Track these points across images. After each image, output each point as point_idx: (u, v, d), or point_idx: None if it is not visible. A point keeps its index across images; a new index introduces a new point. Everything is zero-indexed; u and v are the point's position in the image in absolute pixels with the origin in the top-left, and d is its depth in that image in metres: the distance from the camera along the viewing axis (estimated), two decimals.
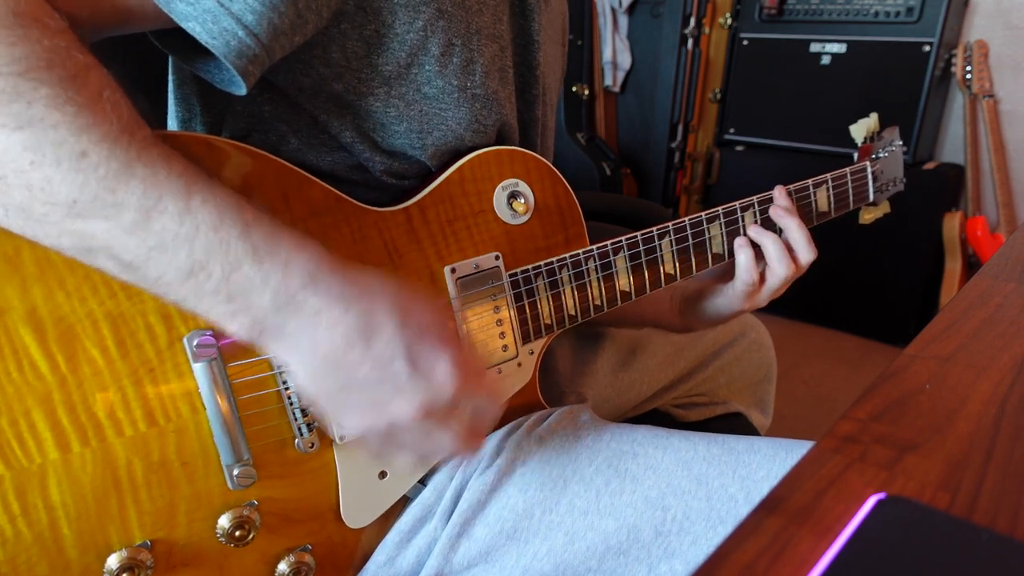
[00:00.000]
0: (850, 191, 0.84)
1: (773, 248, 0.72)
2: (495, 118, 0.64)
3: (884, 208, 0.92)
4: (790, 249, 0.73)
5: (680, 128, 2.55)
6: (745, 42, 2.41)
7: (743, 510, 0.54)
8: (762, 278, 0.74)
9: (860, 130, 0.87)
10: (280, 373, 0.55)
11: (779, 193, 0.75)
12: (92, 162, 0.40)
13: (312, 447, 0.57)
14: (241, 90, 0.50)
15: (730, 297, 0.75)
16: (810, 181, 0.79)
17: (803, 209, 0.78)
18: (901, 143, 0.91)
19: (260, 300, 0.43)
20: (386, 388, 0.45)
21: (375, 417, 0.46)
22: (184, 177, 0.43)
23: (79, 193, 0.40)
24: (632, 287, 0.71)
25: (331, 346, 0.44)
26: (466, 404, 0.48)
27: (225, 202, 0.43)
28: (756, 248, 0.73)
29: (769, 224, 0.74)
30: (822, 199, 0.80)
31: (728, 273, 0.75)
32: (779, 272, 0.72)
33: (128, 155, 0.41)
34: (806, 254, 0.73)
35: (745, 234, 0.74)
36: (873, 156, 0.87)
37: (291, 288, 0.43)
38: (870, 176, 0.86)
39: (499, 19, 0.63)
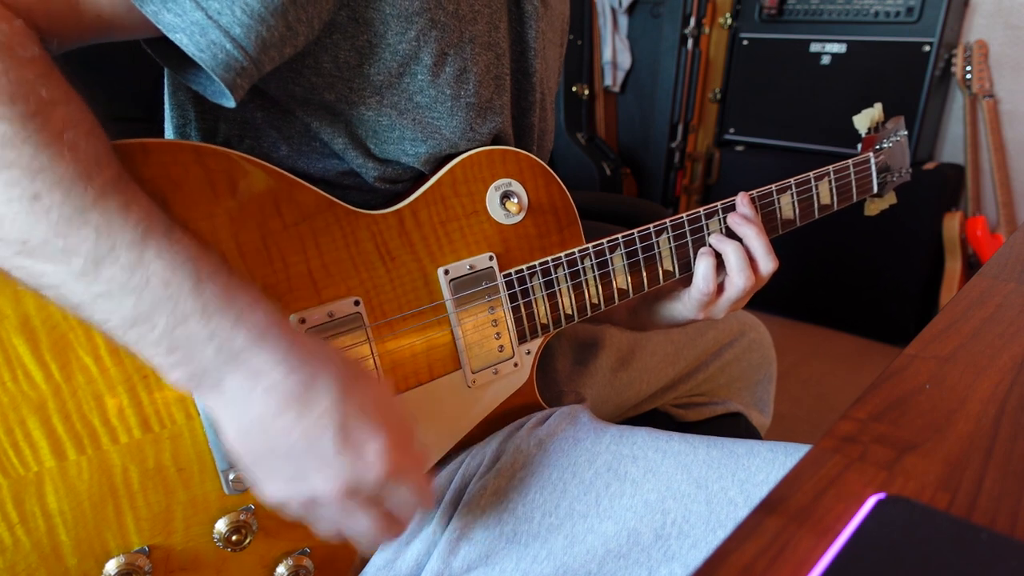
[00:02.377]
0: (853, 183, 0.83)
1: (734, 257, 0.70)
2: (490, 126, 0.64)
3: (890, 199, 0.91)
4: (751, 259, 0.71)
5: (680, 128, 2.55)
6: (745, 42, 2.41)
7: (742, 513, 0.54)
8: (721, 288, 0.72)
9: (864, 120, 0.86)
10: None
11: (741, 200, 0.73)
12: (45, 205, 0.40)
13: None
14: (230, 102, 0.50)
15: (685, 304, 0.73)
16: (811, 174, 0.78)
17: (805, 203, 0.78)
18: (906, 133, 0.90)
19: (202, 354, 0.43)
20: (311, 461, 0.44)
21: (296, 488, 0.45)
22: (141, 226, 0.42)
23: (29, 235, 0.40)
24: (630, 285, 0.70)
25: (264, 409, 0.43)
26: (392, 490, 0.47)
27: (182, 255, 0.43)
28: (719, 258, 0.71)
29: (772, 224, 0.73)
30: (824, 192, 0.80)
31: (689, 279, 0.73)
32: (738, 283, 0.70)
33: (84, 201, 0.40)
34: (766, 264, 0.70)
35: (708, 243, 0.72)
36: (877, 147, 0.86)
37: (236, 346, 0.43)
38: (874, 167, 0.85)
39: (495, 27, 0.63)
